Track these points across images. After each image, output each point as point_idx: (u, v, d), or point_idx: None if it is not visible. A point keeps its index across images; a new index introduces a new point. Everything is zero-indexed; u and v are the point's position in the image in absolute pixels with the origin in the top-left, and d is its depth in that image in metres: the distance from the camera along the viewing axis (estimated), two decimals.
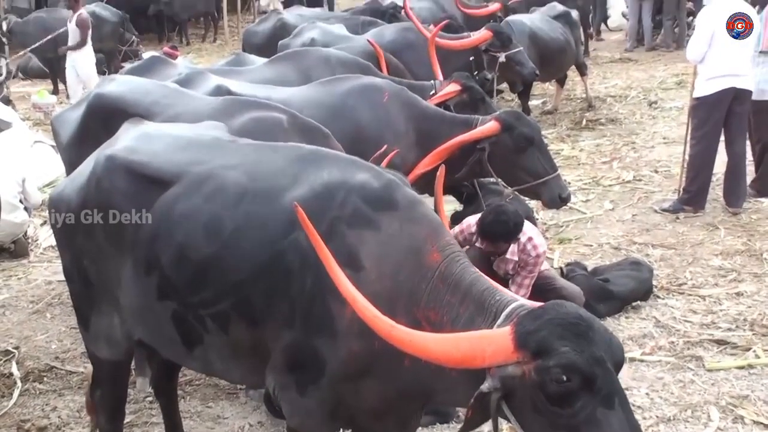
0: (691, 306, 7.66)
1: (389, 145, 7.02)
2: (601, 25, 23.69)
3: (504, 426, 3.79)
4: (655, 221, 9.80)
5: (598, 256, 8.82)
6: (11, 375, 7.06)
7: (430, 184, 6.07)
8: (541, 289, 7.01)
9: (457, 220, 7.61)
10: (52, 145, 10.82)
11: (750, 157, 10.38)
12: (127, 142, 4.85)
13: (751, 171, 10.35)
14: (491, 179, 7.88)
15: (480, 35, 11.02)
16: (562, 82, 15.53)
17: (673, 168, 11.51)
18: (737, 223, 9.58)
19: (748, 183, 10.24)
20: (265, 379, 4.28)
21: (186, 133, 4.94)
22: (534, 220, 8.57)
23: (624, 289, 7.61)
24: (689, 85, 15.64)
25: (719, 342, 7.02)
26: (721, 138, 9.92)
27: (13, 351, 7.46)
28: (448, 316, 3.76)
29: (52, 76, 19.38)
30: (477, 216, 6.93)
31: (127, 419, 5.67)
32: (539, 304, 3.44)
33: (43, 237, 10.04)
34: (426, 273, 3.87)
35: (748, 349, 6.88)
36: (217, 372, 4.83)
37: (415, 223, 4.02)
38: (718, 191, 10.26)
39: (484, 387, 3.28)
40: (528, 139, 7.34)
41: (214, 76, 7.60)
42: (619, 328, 7.23)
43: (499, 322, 3.50)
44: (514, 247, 6.81)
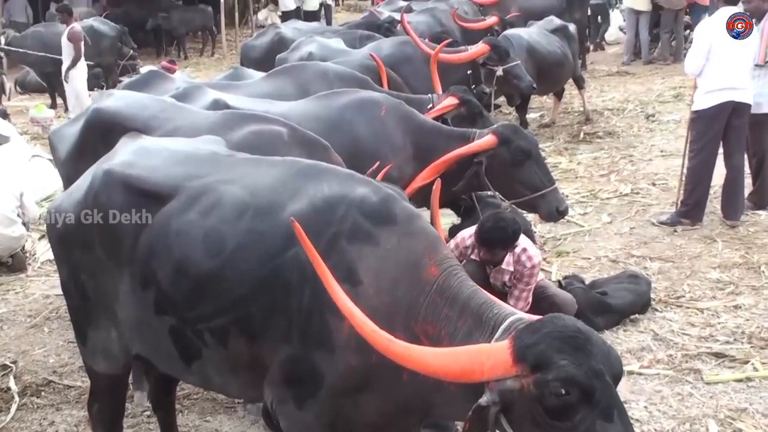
0: (689, 319, 7.66)
1: (387, 158, 7.03)
2: (597, 39, 23.71)
3: None
4: (653, 234, 9.80)
5: (596, 269, 8.81)
6: (9, 389, 7.03)
7: (427, 198, 6.06)
8: (534, 297, 7.02)
9: (454, 233, 7.61)
10: (50, 159, 10.82)
11: (747, 170, 10.38)
12: (125, 156, 4.85)
13: (748, 184, 10.35)
14: (489, 192, 7.90)
15: (477, 49, 11.03)
16: (559, 96, 15.56)
17: (670, 181, 11.52)
18: (735, 236, 9.58)
19: (746, 196, 10.24)
20: (263, 393, 4.27)
21: (184, 148, 4.94)
22: (532, 233, 8.57)
23: (622, 302, 7.61)
24: (686, 98, 15.81)
25: (717, 355, 7.01)
26: (720, 151, 9.93)
27: (10, 365, 7.43)
28: (446, 330, 3.76)
29: (50, 90, 19.40)
30: (471, 229, 6.93)
31: None
32: (537, 317, 3.44)
33: (41, 251, 10.02)
34: (424, 287, 3.88)
35: (747, 361, 6.88)
36: (215, 386, 4.82)
37: (413, 238, 4.03)
38: (715, 204, 10.27)
39: (483, 401, 3.28)
40: (525, 153, 7.36)
41: (212, 91, 7.61)
42: (617, 342, 7.22)
43: (497, 335, 3.50)
44: (509, 257, 6.82)
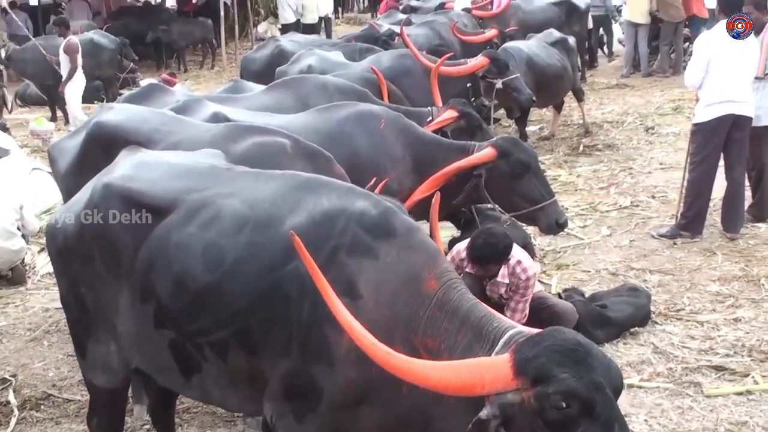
0: (689, 332, 7.65)
1: (386, 171, 7.04)
2: (598, 52, 23.72)
3: None
4: (653, 247, 9.79)
5: (595, 282, 8.80)
6: (8, 403, 7.02)
7: (427, 211, 6.07)
8: (533, 309, 7.03)
9: (454, 246, 7.61)
10: (50, 172, 10.82)
11: (746, 183, 10.38)
12: (124, 170, 4.86)
13: (747, 196, 10.35)
14: (488, 205, 7.90)
15: (477, 62, 11.05)
16: (559, 108, 15.56)
17: (670, 194, 11.51)
18: (735, 249, 9.57)
19: (745, 208, 10.24)
20: (262, 407, 4.27)
21: (183, 161, 4.95)
22: (531, 246, 8.57)
23: (622, 315, 7.60)
24: (686, 110, 15.86)
25: (717, 368, 6.99)
26: (720, 164, 9.93)
27: (10, 379, 7.42)
28: (446, 344, 3.77)
29: (50, 103, 19.40)
30: (466, 242, 6.93)
31: None
32: (537, 330, 3.44)
33: (41, 264, 10.01)
34: (423, 300, 3.89)
35: (747, 375, 6.86)
36: (215, 400, 4.81)
37: (413, 251, 4.04)
38: (715, 217, 10.27)
39: (483, 414, 3.28)
40: (524, 165, 7.36)
41: (211, 104, 7.61)
42: (617, 355, 7.21)
43: (497, 349, 3.51)
44: (504, 270, 6.81)
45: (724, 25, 9.42)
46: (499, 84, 11.13)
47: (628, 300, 7.78)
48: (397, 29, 14.01)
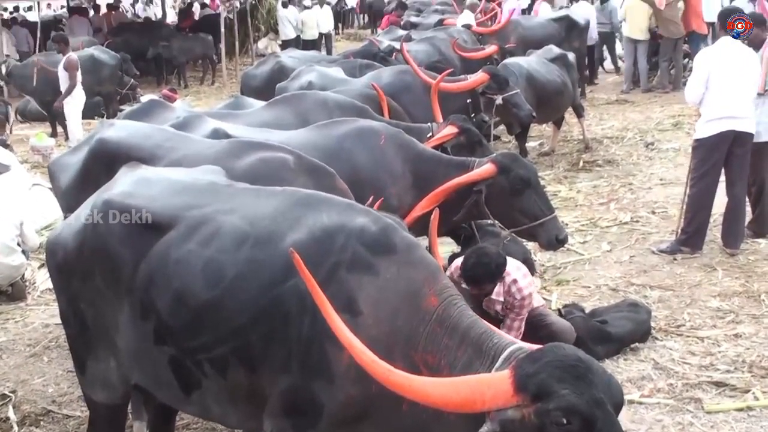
0: (689, 348, 7.64)
1: (386, 187, 7.06)
2: (599, 68, 23.77)
3: None
4: (653, 262, 9.78)
5: (596, 298, 8.79)
6: (8, 419, 7.00)
7: (427, 227, 6.07)
8: (532, 325, 7.01)
9: (453, 261, 7.61)
10: (51, 188, 10.83)
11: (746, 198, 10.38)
12: (124, 186, 4.88)
13: (747, 212, 10.34)
14: (489, 221, 7.89)
15: (477, 78, 11.05)
16: (558, 124, 15.57)
17: (670, 209, 11.51)
18: (735, 265, 9.57)
19: (745, 224, 10.24)
20: (262, 423, 4.26)
21: (183, 178, 4.96)
22: (532, 261, 8.57)
23: (622, 330, 7.59)
24: (686, 126, 15.88)
25: (718, 384, 6.98)
26: (721, 179, 9.93)
27: (9, 395, 7.40)
28: (446, 360, 3.77)
29: (50, 119, 19.42)
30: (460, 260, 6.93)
31: None
32: (537, 346, 3.44)
33: (41, 280, 10.00)
34: (424, 317, 3.89)
35: (747, 390, 6.85)
36: (215, 416, 4.80)
37: (413, 267, 4.04)
38: (715, 232, 10.26)
39: (484, 431, 3.27)
40: (524, 181, 7.36)
41: (211, 120, 7.63)
42: (617, 370, 7.20)
43: (497, 365, 3.51)
44: (499, 288, 6.80)
45: (724, 39, 9.46)
46: (499, 100, 11.13)
47: (628, 316, 7.77)
48: (397, 45, 14.05)
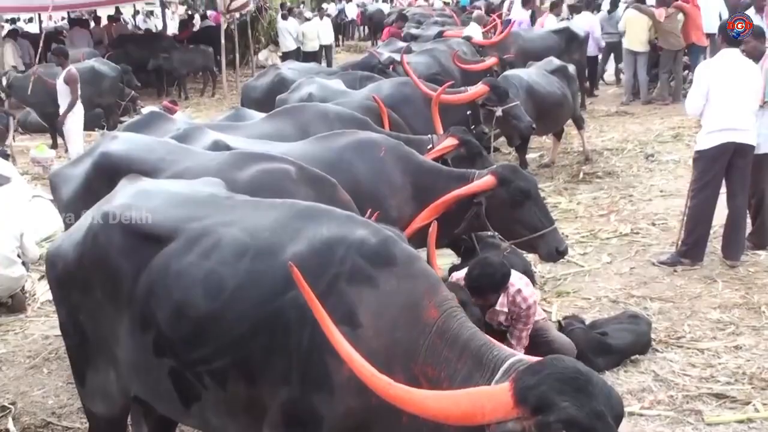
0: (689, 359, 7.63)
1: (386, 199, 7.07)
2: (599, 80, 23.77)
3: None
4: (653, 274, 9.78)
5: (596, 310, 8.79)
6: (7, 431, 7.00)
7: (426, 239, 6.08)
8: (533, 340, 7.01)
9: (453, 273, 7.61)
10: (51, 200, 10.83)
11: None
12: (124, 198, 4.88)
13: (747, 224, 10.35)
14: (489, 233, 7.89)
15: (477, 90, 11.06)
16: (559, 136, 15.58)
17: (670, 221, 11.52)
18: (735, 276, 9.57)
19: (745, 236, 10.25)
20: None
21: (183, 190, 4.97)
22: (532, 273, 8.56)
23: (622, 342, 7.58)
24: (686, 138, 15.88)
25: (718, 396, 6.98)
26: (722, 191, 9.93)
27: (9, 407, 7.40)
28: (446, 372, 3.76)
29: (50, 130, 19.43)
30: (465, 270, 6.92)
31: None
32: (537, 359, 3.44)
33: (41, 292, 9.99)
34: (424, 329, 3.88)
35: (748, 402, 6.84)
36: (214, 428, 4.78)
37: (413, 279, 4.04)
38: (715, 244, 10.26)
39: None
40: (524, 193, 7.36)
41: (212, 132, 7.64)
42: (617, 382, 7.19)
43: (497, 377, 3.51)
44: (503, 298, 6.80)
45: (725, 52, 9.48)
46: (499, 112, 11.13)
47: (628, 327, 7.77)
48: (397, 57, 14.06)
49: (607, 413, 3.15)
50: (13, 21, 34.46)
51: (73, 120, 16.25)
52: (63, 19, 35.64)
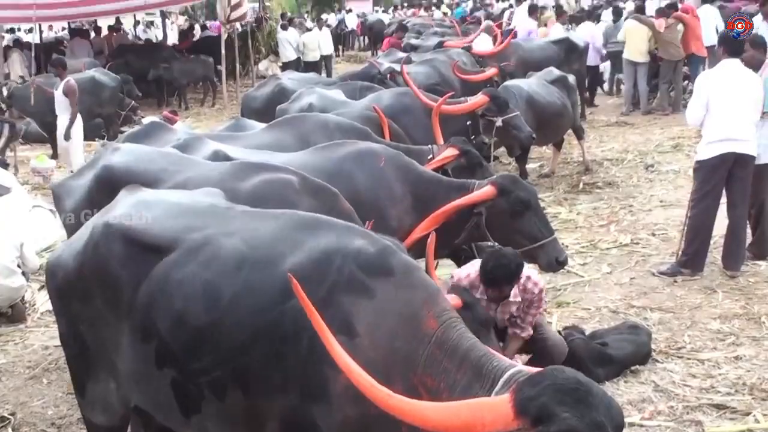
0: (690, 370, 7.62)
1: (385, 209, 7.07)
2: (597, 90, 23.78)
3: None
4: (653, 285, 9.78)
5: (596, 320, 8.78)
6: None
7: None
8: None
9: None
10: (51, 210, 10.84)
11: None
12: (124, 209, 4.88)
13: (747, 234, 10.34)
14: (489, 243, 7.89)
15: (477, 100, 11.06)
16: (559, 146, 15.59)
17: (670, 231, 11.52)
18: (735, 287, 9.56)
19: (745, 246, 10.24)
20: None
21: (183, 200, 4.98)
22: None
23: (622, 353, 7.58)
24: (686, 148, 15.89)
25: (719, 406, 6.96)
26: (722, 201, 9.93)
27: (9, 417, 7.38)
28: (446, 383, 3.76)
29: (51, 140, 19.44)
30: (464, 271, 6.91)
31: None
32: (537, 369, 3.43)
33: (41, 302, 9.99)
34: (422, 339, 3.88)
35: (748, 413, 6.83)
36: None
37: (411, 290, 4.04)
38: (715, 254, 10.26)
39: None
40: (524, 203, 7.36)
41: (212, 142, 7.65)
42: (617, 393, 7.18)
43: (497, 388, 3.50)
44: (515, 289, 6.80)
45: (725, 62, 9.49)
46: (499, 122, 11.13)
47: (628, 338, 7.77)
48: (397, 67, 14.07)
49: (608, 424, 3.14)
50: (12, 31, 34.46)
51: (74, 131, 16.26)
52: (64, 29, 35.76)
